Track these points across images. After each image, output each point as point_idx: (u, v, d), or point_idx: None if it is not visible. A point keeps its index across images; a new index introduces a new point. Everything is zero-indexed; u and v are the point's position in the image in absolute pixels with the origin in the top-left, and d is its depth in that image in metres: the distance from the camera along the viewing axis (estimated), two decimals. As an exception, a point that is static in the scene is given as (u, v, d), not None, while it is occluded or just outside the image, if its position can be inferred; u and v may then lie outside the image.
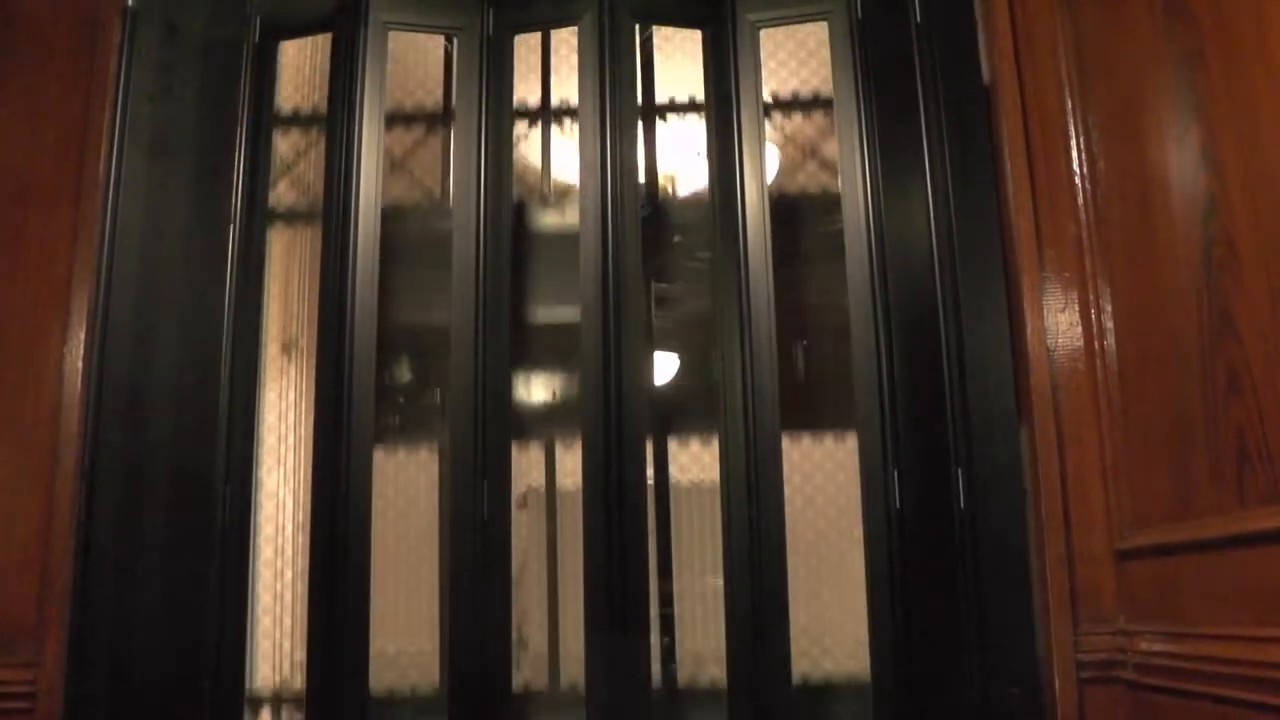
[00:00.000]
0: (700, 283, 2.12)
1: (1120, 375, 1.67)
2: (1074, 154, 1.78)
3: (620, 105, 1.98)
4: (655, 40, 2.22)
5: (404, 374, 2.26)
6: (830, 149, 2.08)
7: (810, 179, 2.18)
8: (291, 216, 2.21)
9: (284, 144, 2.22)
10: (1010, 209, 1.80)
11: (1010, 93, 1.83)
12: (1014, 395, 1.77)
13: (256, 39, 2.01)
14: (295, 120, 2.24)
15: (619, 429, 1.85)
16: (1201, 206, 1.39)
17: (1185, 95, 1.43)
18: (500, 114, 2.01)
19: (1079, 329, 1.74)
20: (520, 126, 2.18)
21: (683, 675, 2.02)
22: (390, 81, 2.03)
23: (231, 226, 1.92)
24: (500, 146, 2.00)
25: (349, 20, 2.00)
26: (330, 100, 2.00)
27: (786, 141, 2.16)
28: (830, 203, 2.03)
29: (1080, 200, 1.77)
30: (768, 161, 2.00)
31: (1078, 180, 1.77)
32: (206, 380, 1.86)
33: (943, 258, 1.85)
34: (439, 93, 2.31)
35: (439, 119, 2.29)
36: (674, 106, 2.28)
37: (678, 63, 2.24)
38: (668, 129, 2.29)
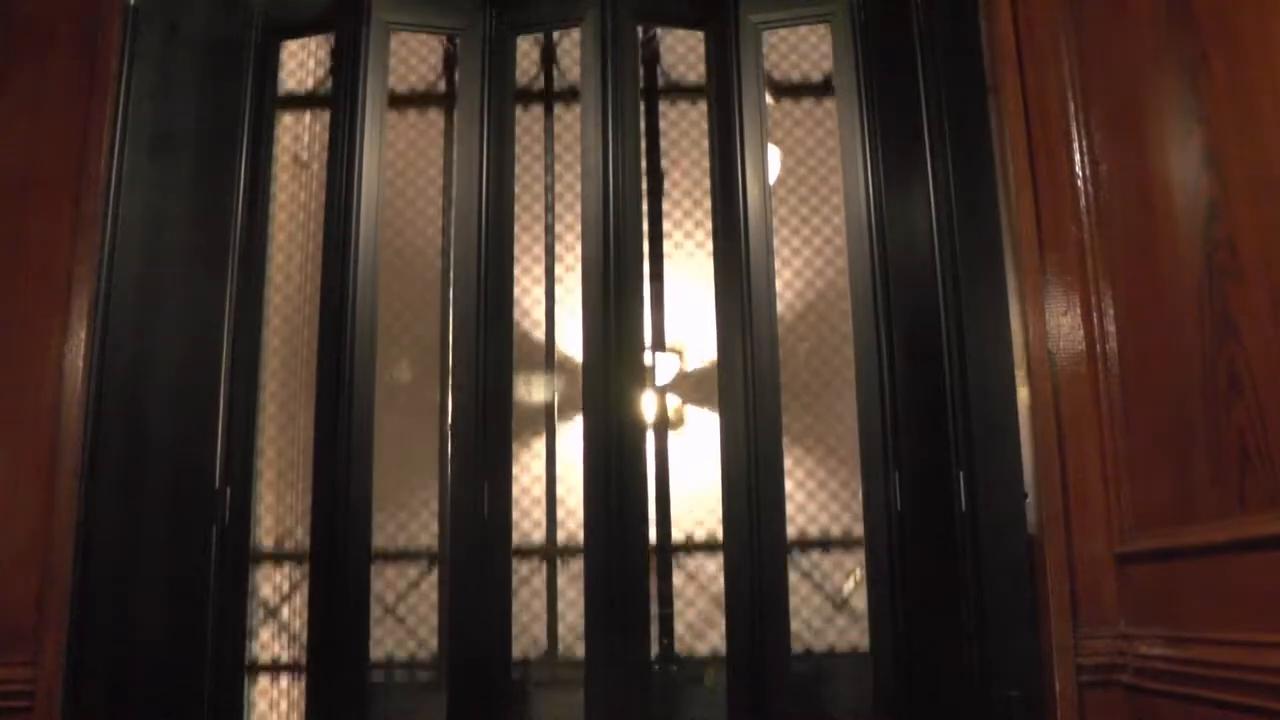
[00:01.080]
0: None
1: (1121, 378, 1.66)
2: (1076, 156, 1.77)
3: (623, 106, 1.98)
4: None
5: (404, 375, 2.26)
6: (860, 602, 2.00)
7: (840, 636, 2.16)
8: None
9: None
10: (1012, 211, 1.79)
11: (1013, 94, 1.82)
12: (1015, 398, 1.77)
13: (258, 38, 2.01)
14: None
15: (619, 431, 1.86)
16: (1203, 209, 1.39)
17: (1188, 97, 1.42)
18: (502, 112, 2.01)
19: (1080, 332, 1.74)
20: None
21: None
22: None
23: (233, 224, 1.92)
24: (503, 144, 2.00)
25: (351, 19, 2.00)
26: (333, 99, 2.00)
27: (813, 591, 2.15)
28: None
29: (1082, 202, 1.76)
30: (770, 161, 2.00)
31: (1080, 182, 1.76)
32: (207, 379, 1.86)
33: (944, 260, 1.84)
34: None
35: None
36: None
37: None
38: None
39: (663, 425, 2.19)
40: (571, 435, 2.12)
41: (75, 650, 1.70)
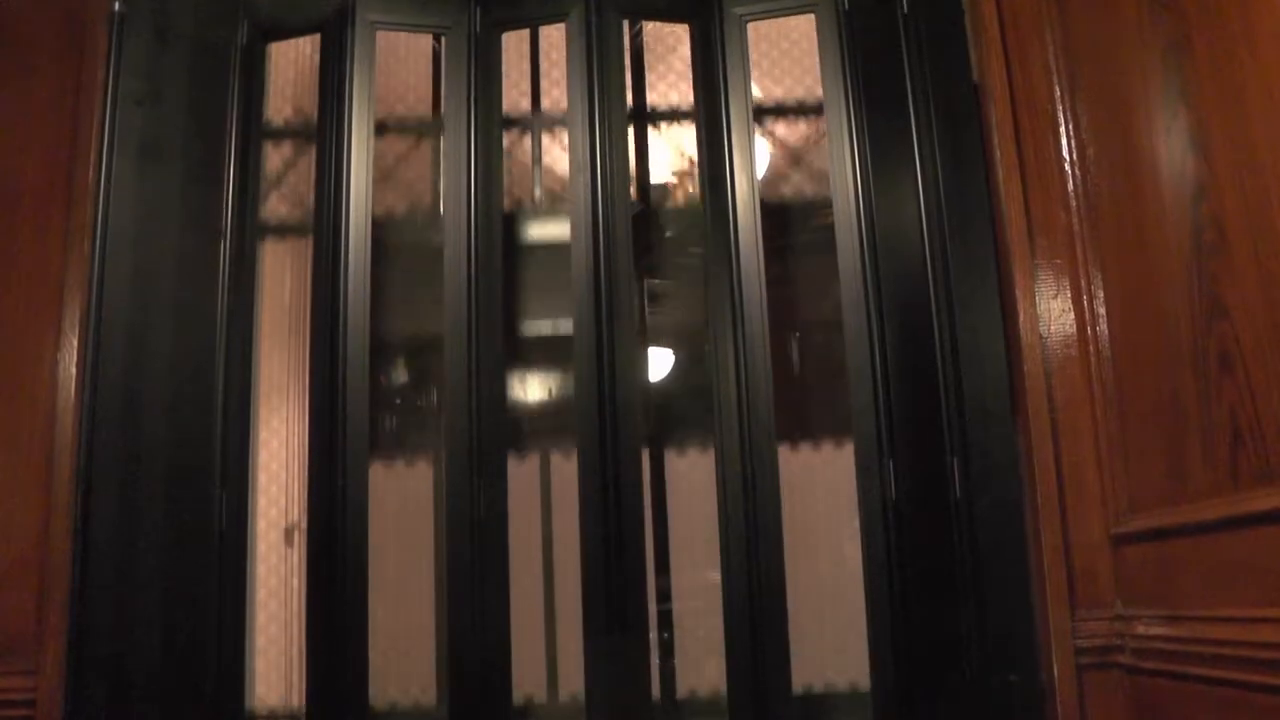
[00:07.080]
0: (694, 281, 2.12)
1: (1113, 360, 1.67)
2: (1064, 142, 1.78)
3: (609, 102, 1.98)
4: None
5: (399, 379, 2.26)
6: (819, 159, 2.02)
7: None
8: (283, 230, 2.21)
9: (275, 156, 2.21)
10: (1001, 198, 1.80)
11: (999, 81, 1.83)
12: (1008, 383, 1.77)
13: (245, 41, 2.00)
14: (286, 132, 2.23)
15: (614, 430, 1.85)
16: (1191, 191, 1.39)
17: (1173, 81, 1.43)
18: (489, 112, 2.00)
19: (1071, 316, 1.75)
20: (511, 135, 2.18)
21: (682, 683, 2.02)
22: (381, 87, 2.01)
23: (224, 229, 1.91)
24: (490, 144, 1.99)
25: (337, 21, 1.99)
26: (320, 101, 1.99)
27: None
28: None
29: (1070, 188, 1.77)
30: (757, 156, 2.00)
31: (1068, 168, 1.77)
32: (201, 385, 1.85)
33: (934, 247, 1.85)
34: (428, 97, 2.30)
35: (429, 123, 2.29)
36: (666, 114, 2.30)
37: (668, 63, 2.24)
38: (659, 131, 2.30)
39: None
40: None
41: (75, 657, 1.69)
